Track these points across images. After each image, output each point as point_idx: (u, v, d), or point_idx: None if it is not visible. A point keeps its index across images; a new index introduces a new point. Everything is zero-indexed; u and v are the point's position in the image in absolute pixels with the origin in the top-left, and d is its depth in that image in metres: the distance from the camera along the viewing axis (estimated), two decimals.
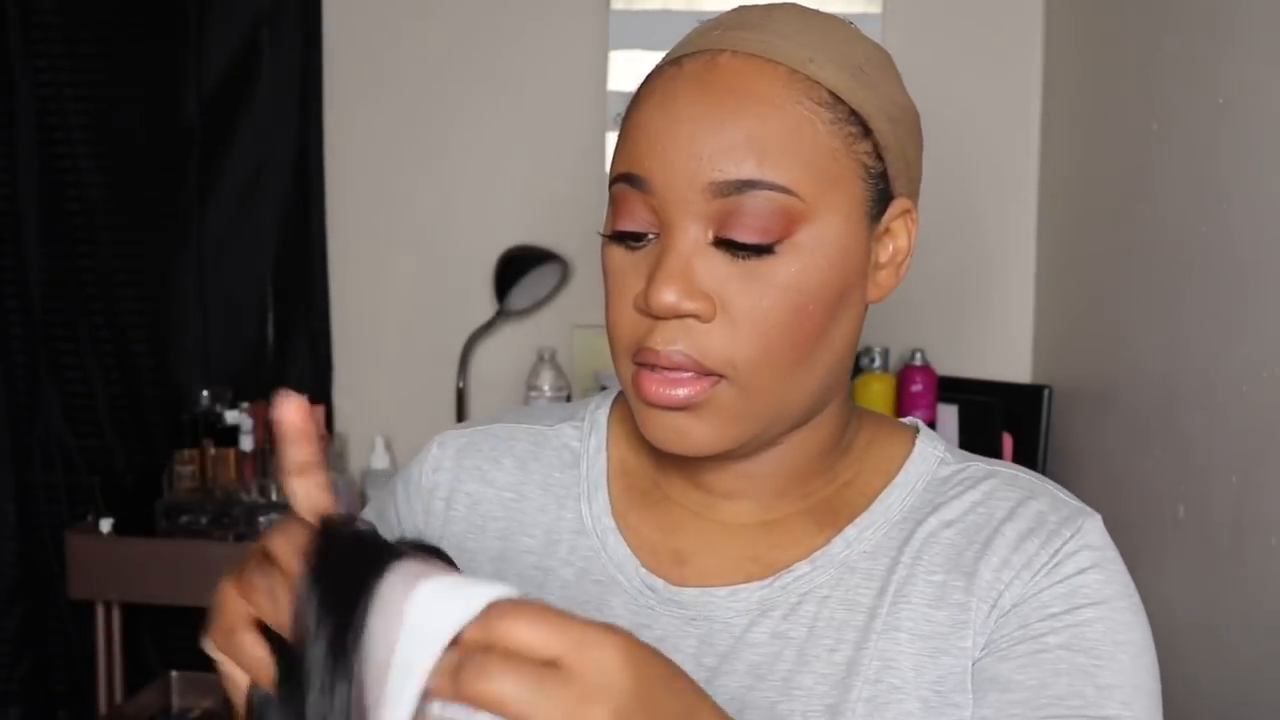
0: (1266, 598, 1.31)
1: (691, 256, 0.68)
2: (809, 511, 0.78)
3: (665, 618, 0.76)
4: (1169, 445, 1.58)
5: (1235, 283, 1.40)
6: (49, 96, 2.46)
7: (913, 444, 0.80)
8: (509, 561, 0.80)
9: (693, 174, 0.68)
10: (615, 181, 0.72)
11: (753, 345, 0.69)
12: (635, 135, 0.71)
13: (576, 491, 0.81)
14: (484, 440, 0.85)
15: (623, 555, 0.78)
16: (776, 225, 0.68)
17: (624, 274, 0.71)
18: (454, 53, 2.42)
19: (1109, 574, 0.74)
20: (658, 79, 0.72)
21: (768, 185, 0.68)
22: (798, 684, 0.73)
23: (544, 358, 2.29)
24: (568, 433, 0.84)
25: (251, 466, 2.30)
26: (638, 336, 0.70)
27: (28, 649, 2.56)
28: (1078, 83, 2.12)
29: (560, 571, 0.79)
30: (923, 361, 2.18)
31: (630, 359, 0.71)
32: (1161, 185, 1.64)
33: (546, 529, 0.81)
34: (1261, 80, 1.34)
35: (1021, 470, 0.79)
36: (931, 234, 2.34)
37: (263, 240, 2.47)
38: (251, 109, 2.44)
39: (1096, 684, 0.70)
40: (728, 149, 0.68)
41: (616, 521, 0.79)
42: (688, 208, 0.68)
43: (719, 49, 0.70)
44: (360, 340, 2.50)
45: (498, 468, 0.83)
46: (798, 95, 0.69)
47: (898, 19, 2.30)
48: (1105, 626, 0.72)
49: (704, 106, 0.68)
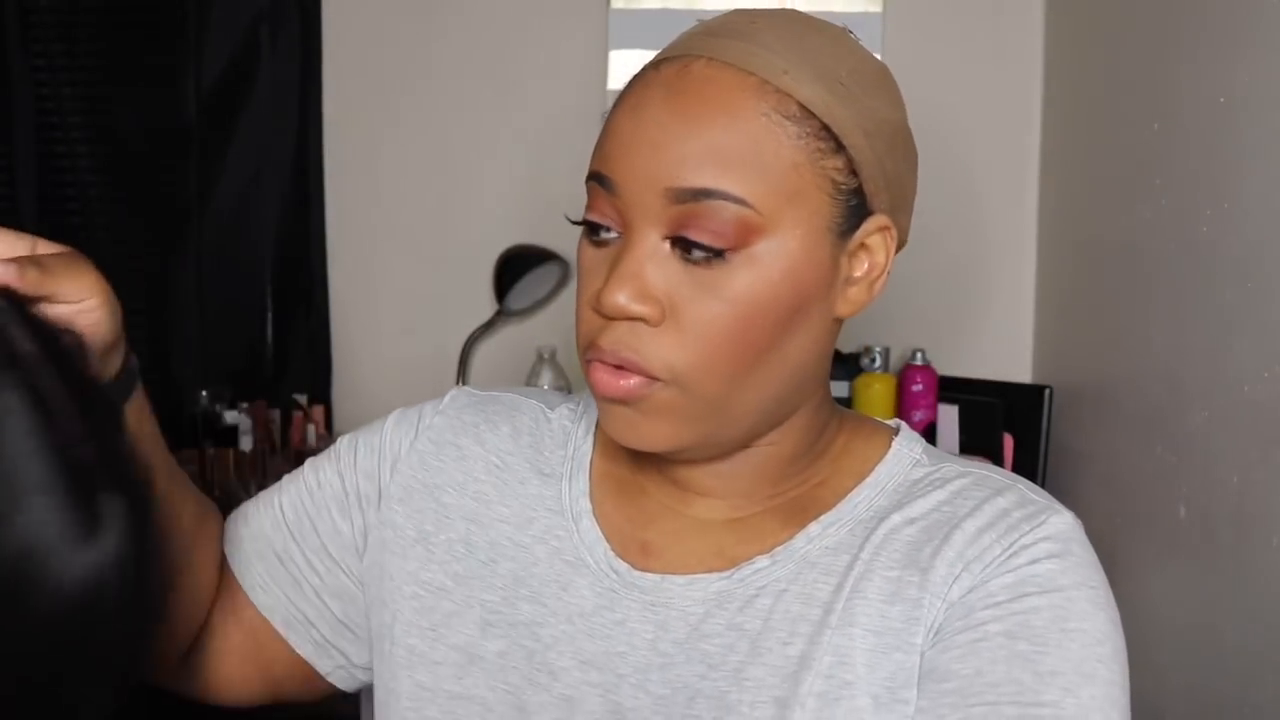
0: (1266, 598, 1.31)
1: (646, 260, 0.70)
2: (777, 510, 0.78)
3: (627, 601, 0.77)
4: (1169, 445, 1.58)
5: (1236, 283, 1.40)
6: (48, 96, 2.46)
7: (889, 445, 0.80)
8: (482, 525, 0.82)
9: (653, 178, 0.69)
10: (589, 179, 0.74)
11: (695, 353, 0.70)
12: (607, 136, 0.73)
13: (560, 471, 0.83)
14: (490, 404, 0.88)
15: (594, 538, 0.80)
16: (731, 234, 0.68)
17: (588, 273, 0.74)
18: (454, 52, 2.42)
19: (1068, 565, 0.71)
20: (636, 82, 0.74)
21: (723, 195, 0.68)
22: (749, 675, 0.73)
23: (544, 357, 2.29)
24: (564, 413, 0.87)
25: (251, 467, 2.29)
26: (591, 334, 0.73)
27: None
28: (1078, 82, 2.12)
29: (534, 549, 0.81)
30: (923, 361, 2.18)
31: (585, 354, 0.74)
32: (1162, 185, 1.64)
33: (524, 503, 0.82)
34: (1263, 79, 1.34)
35: (996, 471, 0.78)
36: (931, 234, 2.35)
37: (262, 240, 2.46)
38: (251, 109, 2.44)
39: (1036, 670, 0.68)
40: (687, 157, 0.68)
41: (593, 505, 0.81)
42: (647, 211, 0.70)
43: (695, 55, 0.71)
44: (360, 340, 2.50)
45: (494, 431, 0.86)
46: (765, 107, 0.69)
47: (898, 19, 2.30)
48: (1054, 614, 0.69)
49: (670, 113, 0.69)
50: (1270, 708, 1.29)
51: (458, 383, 2.39)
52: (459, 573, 0.81)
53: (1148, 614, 1.58)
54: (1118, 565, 1.67)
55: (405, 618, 0.81)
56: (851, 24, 0.78)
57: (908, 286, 2.44)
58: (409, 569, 0.83)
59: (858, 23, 2.30)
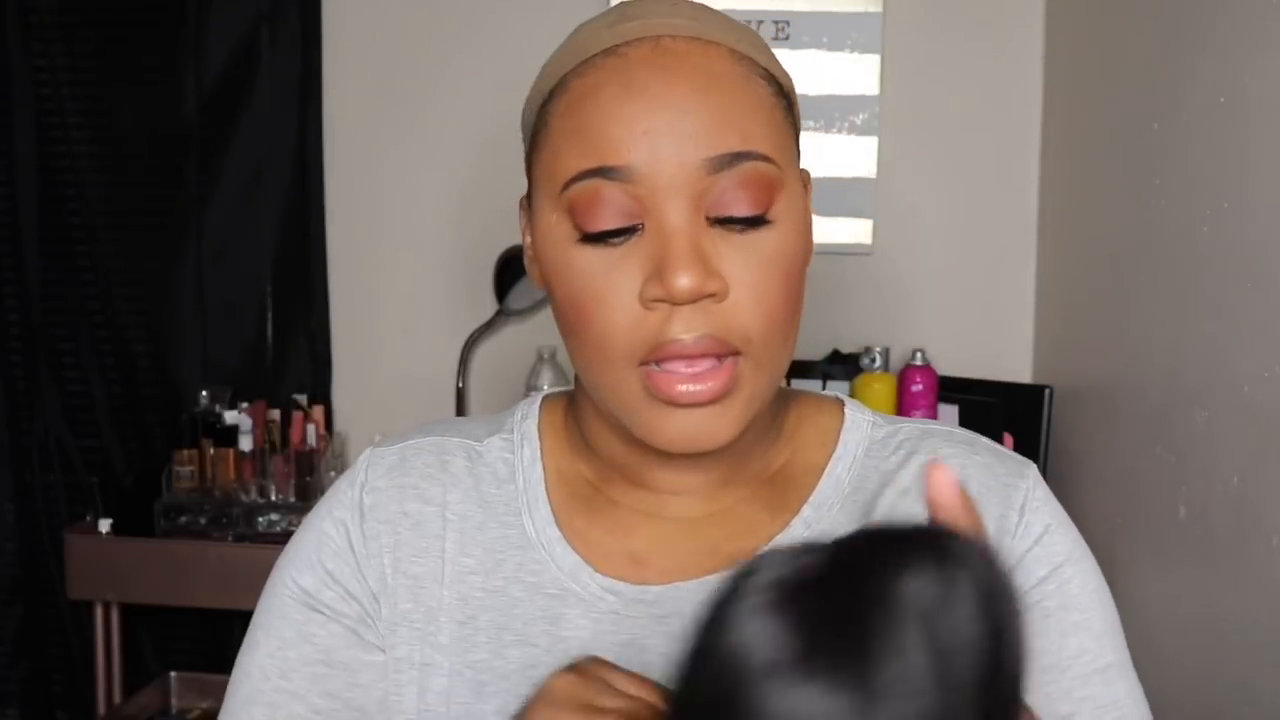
0: (1266, 598, 1.30)
1: (696, 236, 0.67)
2: (755, 497, 0.77)
3: (630, 620, 0.74)
4: (1169, 445, 1.58)
5: (1236, 283, 1.40)
6: (48, 96, 2.46)
7: (842, 415, 0.81)
8: (452, 585, 0.76)
9: (681, 154, 0.67)
10: (578, 179, 0.68)
11: (763, 317, 0.69)
12: (601, 127, 0.67)
13: (516, 506, 0.78)
14: (414, 456, 0.80)
15: (573, 563, 0.75)
16: (764, 195, 0.68)
17: (606, 274, 0.68)
18: (454, 52, 2.42)
19: (1060, 521, 0.77)
20: (596, 70, 0.69)
21: (753, 156, 0.68)
22: None
23: (544, 357, 2.29)
24: (498, 445, 0.80)
25: (250, 467, 2.29)
26: (647, 334, 0.67)
27: (26, 649, 2.56)
28: (1078, 82, 2.12)
29: (509, 590, 0.76)
30: (923, 361, 2.18)
31: (634, 362, 0.68)
32: (1162, 185, 1.64)
33: (486, 547, 0.77)
34: (1263, 78, 1.34)
35: (944, 425, 0.83)
36: (932, 234, 2.36)
37: (262, 240, 2.46)
38: (251, 109, 2.44)
39: (1094, 635, 0.75)
40: (712, 125, 0.67)
41: (562, 530, 0.77)
42: (679, 189, 0.67)
43: (655, 35, 0.69)
44: (360, 340, 2.50)
45: (432, 484, 0.79)
46: (743, 70, 0.70)
47: (898, 19, 2.30)
48: (1081, 579, 0.76)
49: (674, 87, 0.67)
50: (1271, 707, 1.29)
51: (457, 383, 2.39)
52: (443, 643, 0.76)
53: (1148, 614, 1.58)
54: (1117, 565, 1.67)
55: (406, 705, 0.76)
56: (851, 24, 0.79)
57: (908, 286, 2.44)
58: (399, 655, 0.77)
59: (858, 23, 2.33)
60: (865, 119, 2.32)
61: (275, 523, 2.23)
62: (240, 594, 1.45)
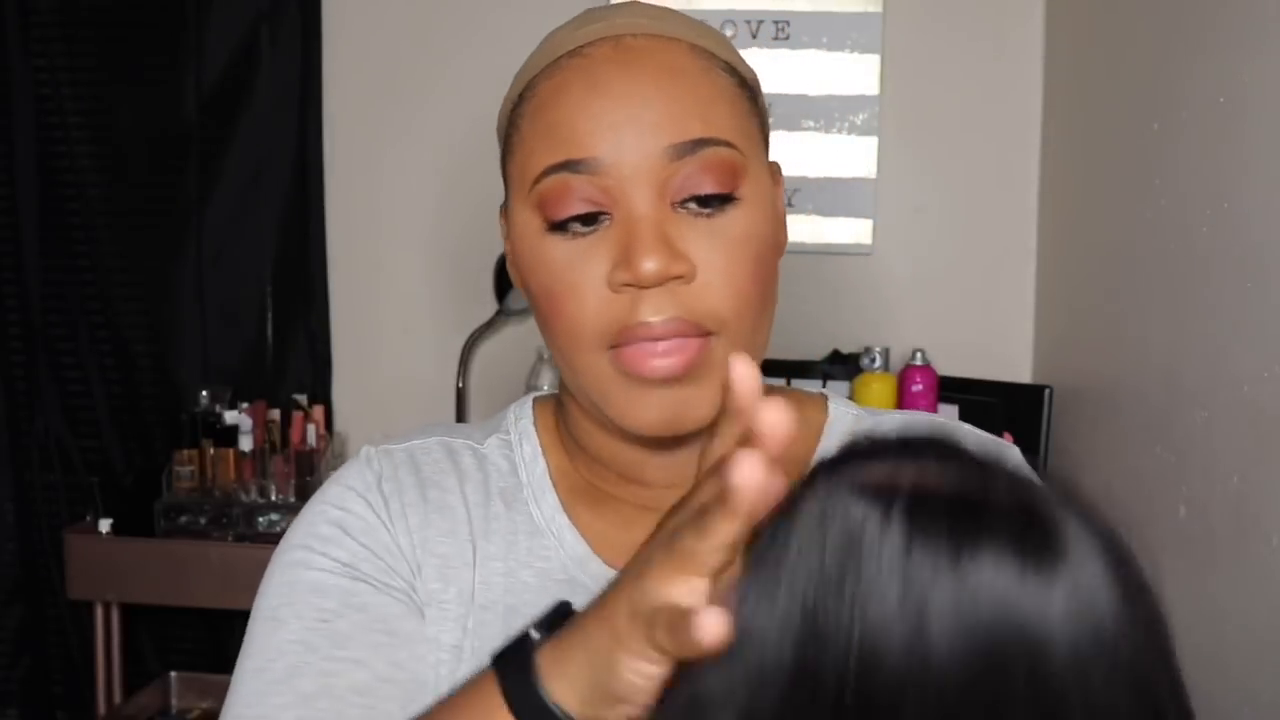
0: (1266, 598, 1.30)
1: (660, 222, 0.70)
2: None
3: None
4: (1169, 445, 1.58)
5: (1236, 283, 1.40)
6: (48, 96, 2.46)
7: (827, 409, 0.83)
8: (476, 567, 0.77)
9: (647, 142, 0.69)
10: (546, 175, 0.70)
11: (731, 297, 0.70)
12: (569, 123, 0.70)
13: (523, 496, 0.79)
14: (425, 454, 0.81)
15: (582, 552, 0.77)
16: (727, 178, 0.71)
17: (576, 263, 0.70)
18: (454, 51, 2.42)
19: None
20: (562, 71, 0.72)
21: (715, 141, 0.70)
22: None
23: (544, 358, 2.29)
24: (496, 443, 0.82)
25: (250, 467, 2.29)
26: (614, 317, 0.70)
27: (26, 649, 2.56)
28: (1078, 82, 2.12)
29: (520, 574, 0.77)
30: (923, 361, 2.18)
31: (605, 346, 0.70)
32: (1163, 185, 1.64)
33: (504, 536, 0.78)
34: (1263, 79, 1.34)
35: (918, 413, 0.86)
36: (931, 234, 2.35)
37: (262, 240, 2.46)
38: (251, 109, 2.44)
39: None
40: (673, 115, 0.70)
41: (570, 519, 0.78)
42: (643, 178, 0.69)
43: (617, 34, 0.72)
44: (360, 340, 2.50)
45: (447, 477, 0.80)
46: (704, 64, 0.72)
47: (898, 19, 2.30)
48: None
49: (636, 81, 0.70)
50: (1272, 707, 1.29)
51: (457, 383, 2.39)
52: (469, 626, 0.76)
53: None
54: None
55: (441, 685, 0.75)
56: (851, 24, 0.80)
57: (908, 286, 2.44)
58: (430, 633, 0.77)
59: (858, 23, 2.32)
60: (865, 119, 2.32)
61: (275, 523, 2.23)
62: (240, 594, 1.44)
